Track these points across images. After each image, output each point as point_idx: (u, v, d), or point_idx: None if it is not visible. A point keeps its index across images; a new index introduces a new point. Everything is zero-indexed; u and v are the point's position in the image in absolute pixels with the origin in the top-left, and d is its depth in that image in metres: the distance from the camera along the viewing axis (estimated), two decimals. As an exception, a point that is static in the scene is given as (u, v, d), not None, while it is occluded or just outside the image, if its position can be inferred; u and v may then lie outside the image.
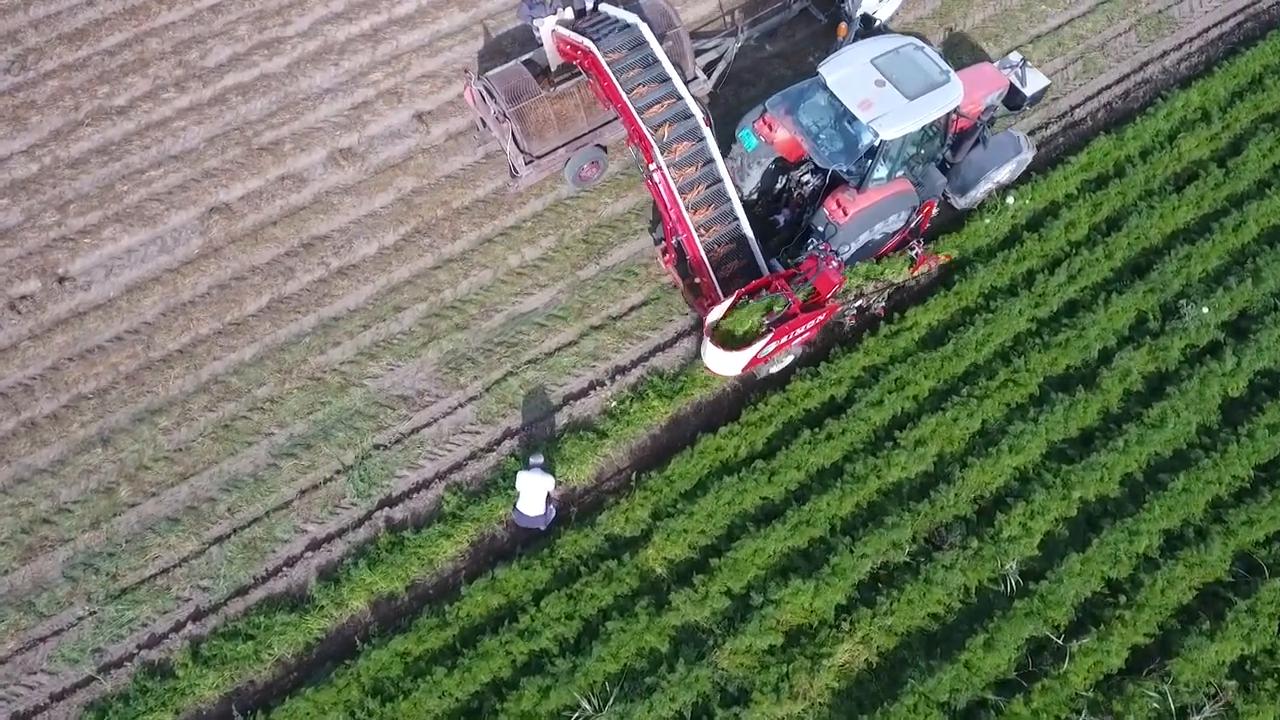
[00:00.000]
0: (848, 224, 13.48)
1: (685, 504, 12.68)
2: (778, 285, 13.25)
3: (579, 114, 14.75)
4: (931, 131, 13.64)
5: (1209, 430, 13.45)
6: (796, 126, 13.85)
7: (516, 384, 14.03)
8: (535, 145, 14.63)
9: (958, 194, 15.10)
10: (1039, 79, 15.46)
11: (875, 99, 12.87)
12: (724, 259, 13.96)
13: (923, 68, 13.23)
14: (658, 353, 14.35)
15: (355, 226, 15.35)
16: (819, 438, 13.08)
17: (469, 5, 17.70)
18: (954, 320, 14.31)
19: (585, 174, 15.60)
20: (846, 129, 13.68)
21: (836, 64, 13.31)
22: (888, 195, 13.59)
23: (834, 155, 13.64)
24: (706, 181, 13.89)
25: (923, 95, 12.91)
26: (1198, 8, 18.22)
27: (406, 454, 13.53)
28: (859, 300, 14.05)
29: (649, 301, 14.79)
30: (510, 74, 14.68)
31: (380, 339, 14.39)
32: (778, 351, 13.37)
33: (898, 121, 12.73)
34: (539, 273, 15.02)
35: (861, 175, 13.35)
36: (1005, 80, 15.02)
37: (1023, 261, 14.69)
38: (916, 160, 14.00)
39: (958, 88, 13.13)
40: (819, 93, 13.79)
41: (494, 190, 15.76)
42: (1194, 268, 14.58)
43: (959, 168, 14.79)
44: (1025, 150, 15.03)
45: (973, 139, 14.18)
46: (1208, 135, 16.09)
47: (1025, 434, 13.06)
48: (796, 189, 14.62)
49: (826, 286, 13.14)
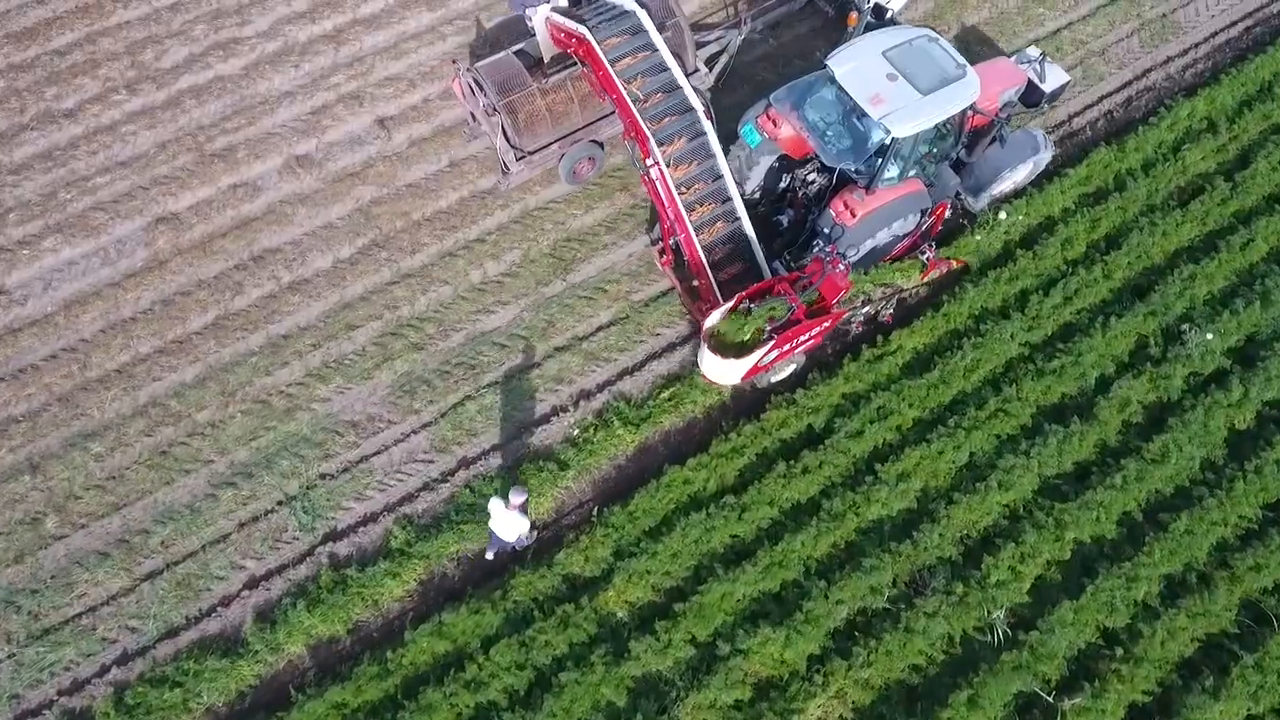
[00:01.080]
0: (856, 226, 12.50)
1: (649, 542, 11.62)
2: (780, 290, 12.24)
3: (573, 107, 13.76)
4: (946, 129, 12.65)
5: (1214, 466, 12.35)
6: (802, 122, 12.85)
7: (474, 409, 12.98)
8: (527, 140, 13.63)
9: (972, 195, 14.05)
10: (1059, 74, 14.37)
11: (886, 94, 11.90)
12: (724, 261, 12.98)
13: (937, 61, 12.24)
14: (625, 377, 13.29)
15: (309, 238, 14.30)
16: (794, 471, 12.01)
17: (437, 5, 16.64)
18: (941, 344, 13.22)
19: (580, 171, 14.56)
20: (855, 125, 12.67)
21: (845, 56, 12.33)
22: (898, 196, 12.60)
23: (842, 153, 12.64)
24: (706, 179, 12.91)
25: (937, 90, 11.95)
26: (1204, 11, 17.10)
27: (354, 484, 12.48)
28: (866, 307, 13.05)
29: (618, 321, 13.73)
30: (501, 64, 13.65)
31: (331, 359, 13.35)
32: (780, 360, 12.34)
33: (910, 118, 11.76)
34: (502, 289, 13.97)
35: (871, 175, 12.39)
36: (1024, 75, 13.97)
37: (1015, 281, 13.59)
38: (929, 159, 13.01)
39: (974, 83, 12.14)
40: (826, 87, 12.79)
41: (458, 200, 14.71)
42: (1198, 289, 13.47)
43: (974, 167, 13.78)
44: (1045, 149, 14.01)
45: (989, 137, 13.15)
46: (1214, 147, 14.97)
47: (1016, 469, 11.98)
48: (801, 188, 13.65)
49: (832, 292, 12.14)
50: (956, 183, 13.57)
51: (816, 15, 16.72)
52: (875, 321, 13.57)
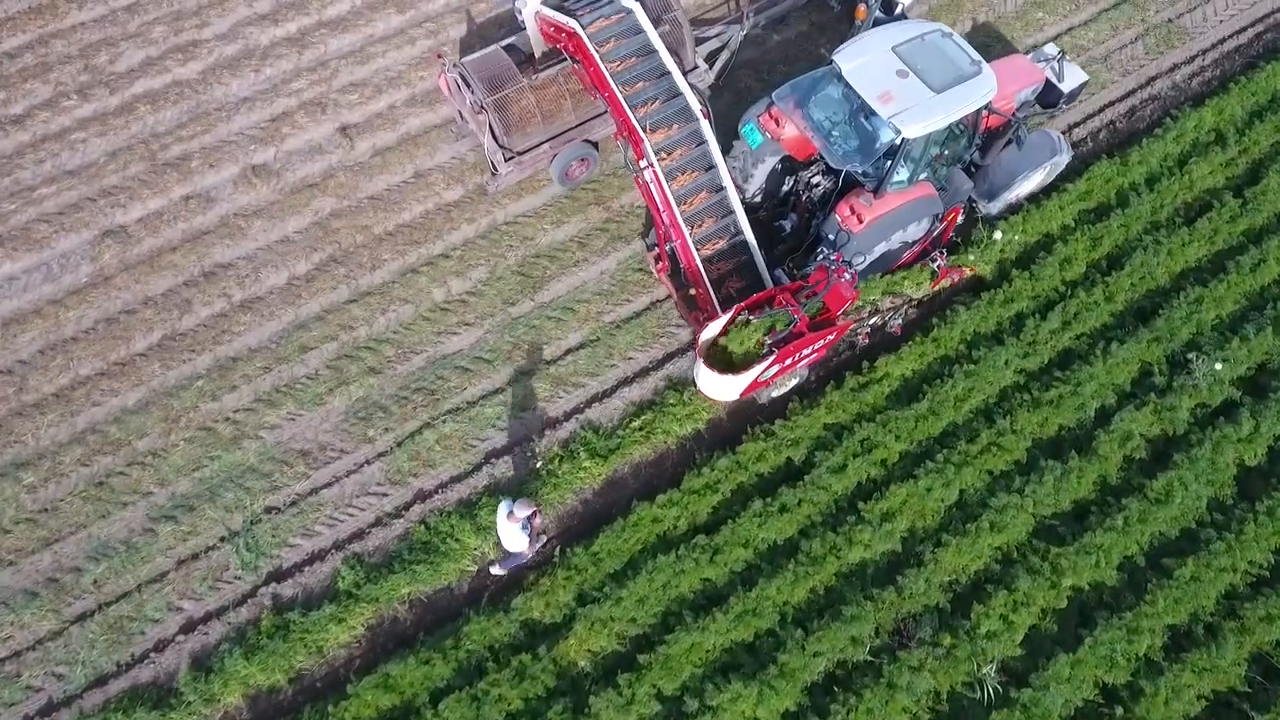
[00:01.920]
0: (863, 232, 11.62)
1: (614, 586, 10.68)
2: (782, 300, 11.34)
3: (565, 105, 12.90)
4: (959, 130, 11.76)
5: (1222, 506, 11.39)
6: (806, 121, 11.95)
7: (433, 438, 12.04)
8: (516, 139, 12.77)
9: (986, 199, 13.16)
10: (1077, 74, 13.45)
11: (896, 91, 11.03)
12: (722, 268, 12.09)
13: (951, 57, 11.36)
14: (594, 404, 12.34)
15: (264, 253, 13.36)
16: (771, 509, 11.06)
17: (407, 7, 15.69)
18: (930, 371, 12.25)
19: (573, 172, 13.68)
20: (863, 125, 11.78)
21: (853, 51, 11.44)
22: (908, 201, 11.71)
23: (848, 154, 11.75)
24: (704, 183, 12.02)
25: (950, 89, 11.08)
26: (1211, 16, 16.09)
27: (302, 519, 11.55)
28: (874, 318, 12.17)
29: (588, 344, 12.78)
30: (489, 60, 12.78)
31: (282, 383, 12.42)
32: (781, 374, 11.44)
33: (922, 117, 10.88)
34: (466, 309, 13.02)
35: (879, 178, 11.53)
36: (1042, 74, 13.06)
37: (1010, 304, 12.61)
38: (941, 162, 12.11)
39: (990, 81, 11.26)
40: (832, 84, 11.89)
41: (422, 213, 13.75)
42: (1206, 313, 12.48)
43: (988, 170, 12.87)
44: (1063, 151, 13.12)
45: (1005, 139, 12.21)
46: (1222, 160, 13.97)
47: (1009, 508, 11.02)
48: (805, 192, 12.76)
49: (838, 303, 11.26)
50: (970, 187, 12.66)
51: (822, 10, 15.77)
52: (883, 332, 12.65)
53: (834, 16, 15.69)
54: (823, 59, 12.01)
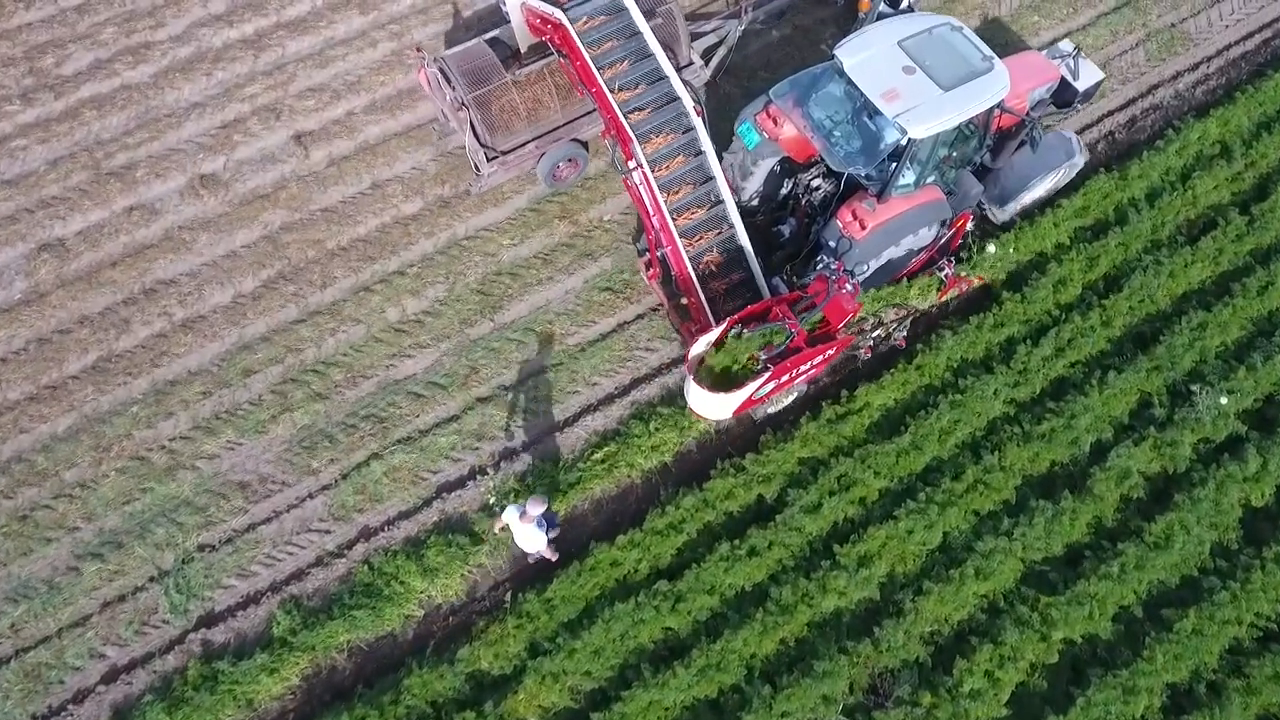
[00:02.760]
0: (866, 239, 10.76)
1: (567, 636, 9.76)
2: (779, 312, 10.45)
3: (552, 103, 12.05)
4: (969, 130, 10.88)
5: (1226, 552, 10.44)
6: (806, 120, 11.06)
7: (380, 470, 11.12)
8: (500, 139, 11.93)
9: (996, 204, 12.28)
10: (1093, 72, 12.53)
11: (903, 89, 10.19)
12: (716, 277, 11.21)
13: (961, 53, 10.49)
14: (554, 433, 11.42)
15: (209, 269, 12.45)
16: (739, 552, 10.12)
17: (369, 8, 14.74)
18: (914, 401, 11.30)
19: (561, 173, 12.81)
20: (866, 125, 10.93)
21: (856, 46, 10.56)
22: (914, 206, 10.86)
23: (850, 156, 10.87)
24: (697, 183, 11.15)
25: (960, 86, 10.22)
26: (1217, 21, 15.10)
27: (237, 557, 10.65)
28: (877, 330, 11.30)
29: (550, 368, 11.85)
30: (471, 54, 11.94)
31: (222, 409, 11.50)
32: (777, 392, 10.55)
33: (930, 117, 10.02)
34: (421, 330, 12.09)
35: (884, 181, 10.65)
36: (1056, 72, 12.15)
37: (1000, 328, 11.66)
38: (949, 164, 11.23)
39: (1003, 78, 10.39)
40: (834, 80, 11.02)
41: (378, 227, 12.83)
42: (1209, 340, 11.51)
43: (999, 173, 11.97)
44: (1079, 153, 12.26)
45: (1018, 140, 11.32)
46: (1228, 175, 12.98)
47: (996, 553, 10.09)
48: (805, 195, 11.89)
49: (838, 315, 10.38)
50: (979, 191, 11.75)
51: (824, 4, 14.85)
52: (887, 344, 11.75)
53: (837, 10, 14.76)
54: (825, 55, 11.07)
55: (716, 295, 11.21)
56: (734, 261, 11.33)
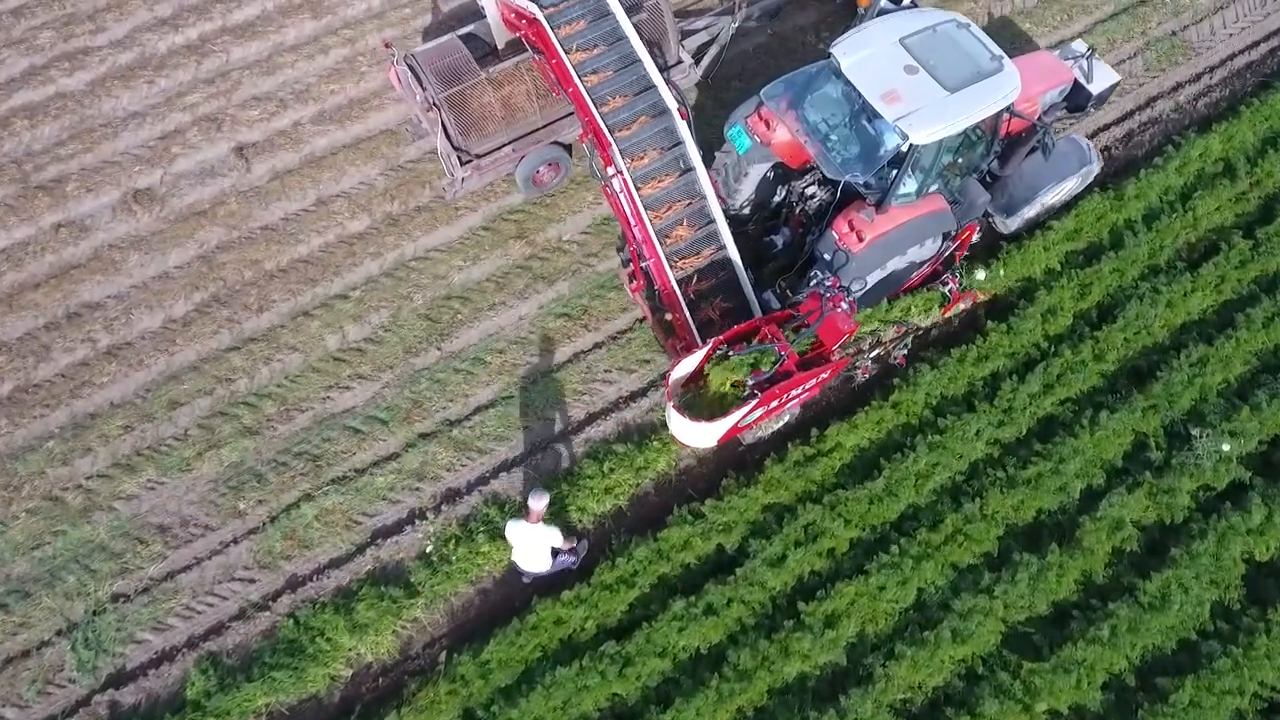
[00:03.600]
0: (863, 252, 9.85)
1: (504, 704, 8.79)
2: (768, 333, 9.55)
3: (530, 103, 11.17)
4: (976, 135, 9.99)
5: (1228, 612, 9.45)
6: (801, 124, 10.13)
7: (312, 513, 10.16)
8: (474, 141, 11.06)
9: (1004, 215, 11.36)
10: (1108, 74, 11.59)
11: (904, 90, 9.31)
12: (702, 291, 10.31)
13: (968, 52, 9.62)
14: (501, 473, 10.45)
15: (138, 292, 11.49)
16: (694, 610, 9.14)
17: (323, 11, 13.77)
18: (889, 442, 10.32)
19: (541, 178, 11.91)
20: (865, 129, 10.02)
21: (855, 44, 9.66)
22: (917, 216, 9.96)
23: (848, 163, 9.95)
24: (682, 191, 10.27)
25: (967, 87, 9.35)
26: (1220, 29, 14.07)
27: (153, 609, 9.68)
28: (876, 350, 10.47)
29: (499, 401, 10.88)
30: (443, 50, 11.06)
31: (145, 445, 10.55)
32: (766, 418, 9.71)
33: (933, 120, 9.15)
34: (363, 359, 11.13)
35: (883, 190, 9.76)
36: (1070, 73, 11.24)
37: (984, 362, 10.66)
38: (954, 171, 10.31)
39: (1013, 79, 9.51)
40: (831, 81, 10.09)
41: (321, 247, 11.87)
42: (1211, 377, 10.51)
43: (1008, 182, 11.07)
44: (1093, 160, 11.33)
45: (1028, 146, 10.40)
46: (1231, 195, 11.98)
47: (975, 612, 9.11)
48: (799, 204, 10.96)
49: (833, 336, 9.50)
50: (986, 200, 10.80)
51: (821, 1, 13.90)
52: (886, 362, 10.87)
53: (836, 7, 13.79)
54: (822, 54, 10.14)
55: (703, 311, 10.29)
56: (722, 274, 10.42)
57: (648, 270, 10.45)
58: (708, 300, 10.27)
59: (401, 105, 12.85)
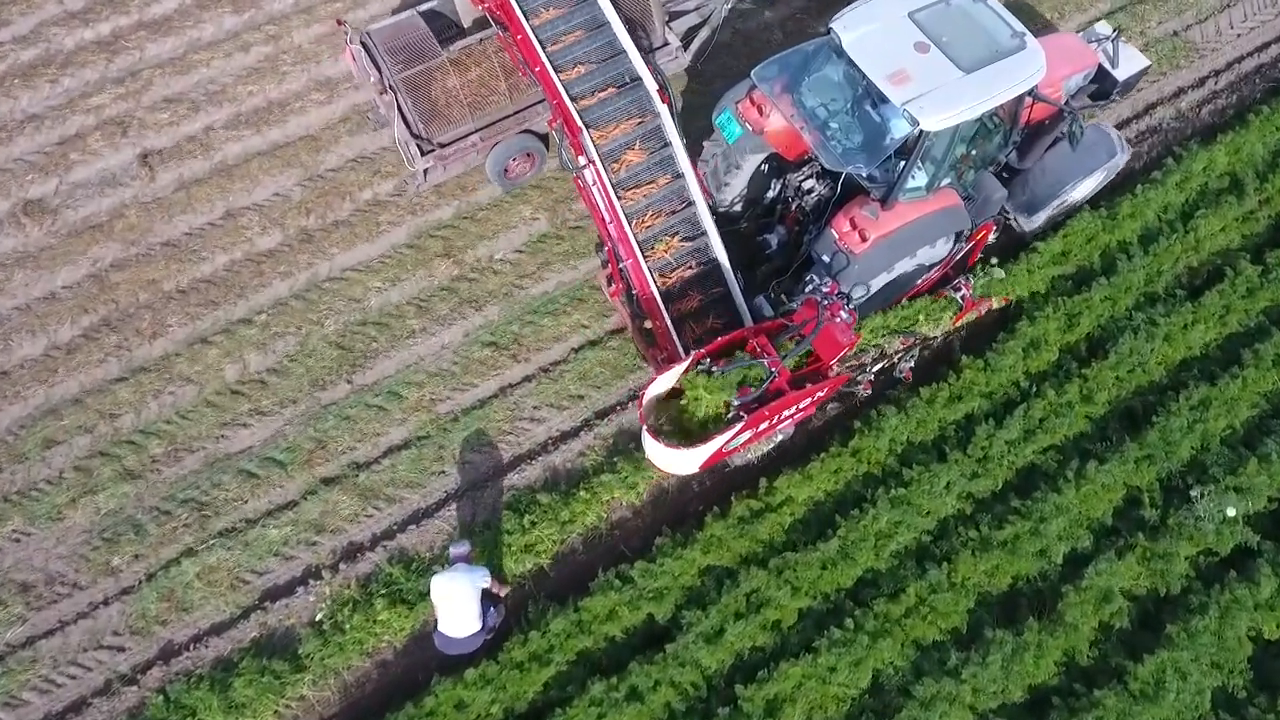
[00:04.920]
0: (866, 254, 8.63)
1: (391, 805, 7.51)
2: (757, 346, 8.30)
3: (499, 86, 9.91)
4: (993, 123, 8.74)
5: (1231, 701, 8.03)
6: (797, 109, 8.80)
7: (193, 570, 8.81)
8: (436, 128, 9.82)
9: (1024, 213, 10.07)
10: (1136, 58, 10.27)
11: (914, 71, 8.08)
12: (686, 295, 9.03)
13: (985, 28, 8.38)
14: (410, 526, 9.10)
15: (20, 315, 10.14)
16: (616, 694, 7.77)
17: (245, 5, 12.40)
18: (847, 494, 8.93)
19: (514, 170, 10.66)
20: (869, 114, 8.77)
21: (858, 18, 8.43)
22: (927, 214, 8.72)
23: (849, 153, 8.64)
24: (663, 184, 9.00)
25: (985, 68, 8.11)
26: (1226, 29, 12.61)
27: (8, 681, 8.31)
28: (880, 363, 9.14)
29: (414, 442, 9.53)
30: (402, 28, 9.80)
31: (12, 490, 9.20)
32: (754, 441, 8.48)
33: (947, 105, 7.93)
34: (264, 392, 9.78)
35: (889, 183, 8.56)
36: (1095, 56, 9.95)
37: (957, 403, 9.26)
38: (969, 163, 9.04)
39: (1037, 59, 8.27)
40: (831, 60, 8.83)
41: (226, 265, 10.51)
42: (1213, 422, 9.09)
43: (1028, 176, 9.80)
44: (1120, 152, 10.05)
45: (1052, 135, 9.19)
46: (1238, 214, 10.54)
47: (940, 699, 7.73)
48: (796, 199, 9.63)
49: (831, 350, 8.31)
50: (1003, 196, 9.49)
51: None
52: (890, 375, 9.55)
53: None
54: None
55: (686, 317, 9.02)
56: (708, 277, 9.12)
57: (625, 273, 9.13)
58: (697, 319, 9.01)
59: (328, 107, 11.55)
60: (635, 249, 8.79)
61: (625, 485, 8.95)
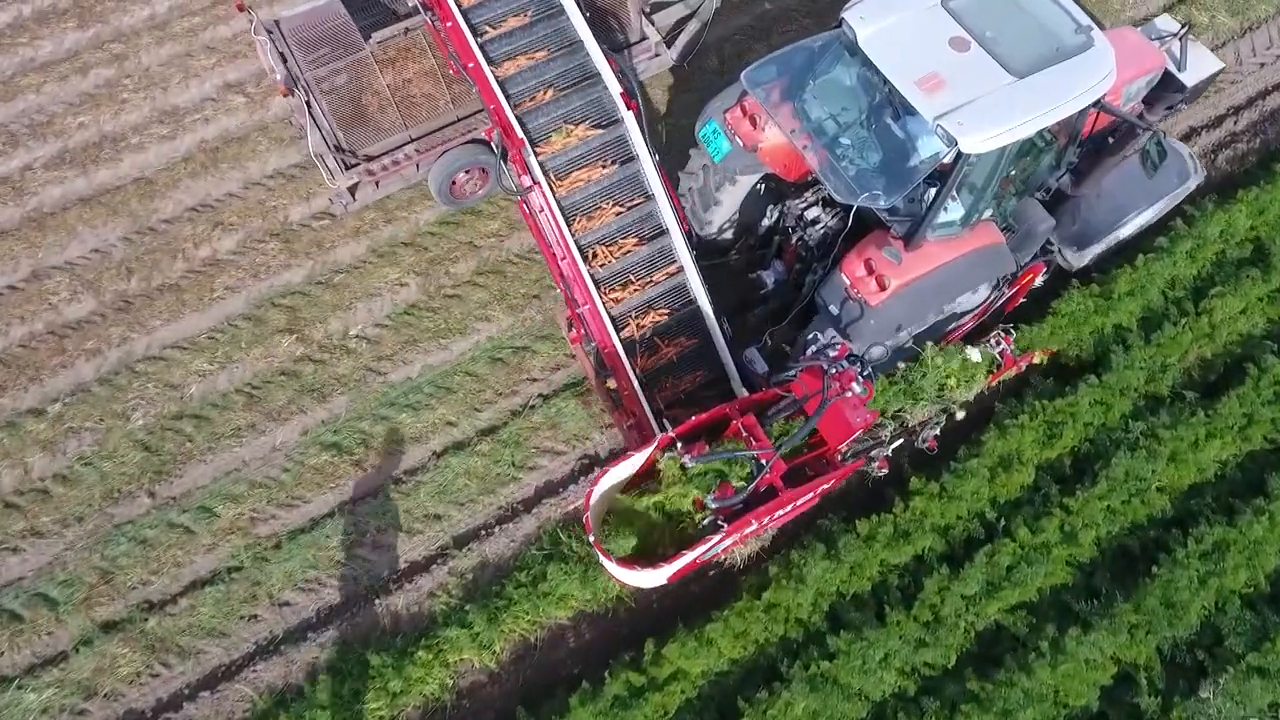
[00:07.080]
0: (885, 306, 6.68)
1: None
2: (741, 429, 6.27)
3: (440, 88, 7.97)
4: (1045, 140, 6.73)
5: None
6: (799, 122, 6.73)
7: (-79, 749, 6.78)
8: (358, 137, 7.92)
9: (1074, 246, 7.97)
10: (1207, 59, 8.20)
11: (951, 75, 6.17)
12: (657, 350, 7.05)
13: (1040, 19, 6.44)
14: (203, 693, 6.91)
15: None
16: None
17: (92, 19, 10.26)
18: (756, 666, 6.74)
19: (462, 187, 8.62)
20: (890, 130, 6.74)
21: (878, 7, 6.44)
22: (962, 255, 6.77)
23: (864, 178, 6.56)
24: (629, 209, 6.99)
25: (1042, 71, 6.19)
26: (1249, 57, 10.29)
27: None
28: (900, 439, 7.02)
29: (221, 576, 7.34)
30: (317, 16, 7.76)
31: None
32: (739, 545, 6.62)
33: (994, 119, 6.03)
34: (44, 507, 7.62)
35: (916, 217, 6.59)
36: (1161, 58, 7.81)
37: (902, 542, 7.01)
38: (1011, 187, 6.98)
39: (1106, 59, 6.35)
40: (842, 60, 6.80)
41: (21, 341, 8.36)
42: (1230, 575, 6.82)
43: (1080, 203, 7.76)
44: (1194, 174, 8.07)
45: (1120, 156, 7.25)
46: (1263, 292, 8.25)
47: None
48: (797, 230, 7.53)
49: (840, 434, 6.23)
50: (1049, 227, 7.41)
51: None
52: (913, 446, 7.40)
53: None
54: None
55: (659, 373, 7.03)
56: (686, 323, 7.14)
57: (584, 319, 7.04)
58: (673, 376, 7.04)
59: (171, 143, 9.48)
60: (592, 291, 6.73)
61: (478, 645, 6.83)
